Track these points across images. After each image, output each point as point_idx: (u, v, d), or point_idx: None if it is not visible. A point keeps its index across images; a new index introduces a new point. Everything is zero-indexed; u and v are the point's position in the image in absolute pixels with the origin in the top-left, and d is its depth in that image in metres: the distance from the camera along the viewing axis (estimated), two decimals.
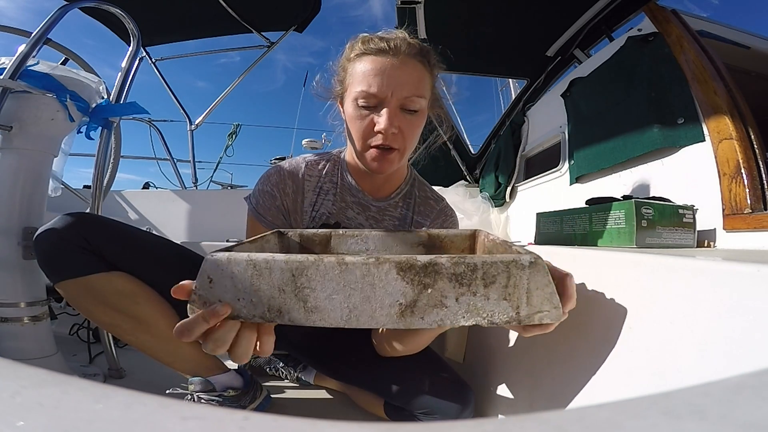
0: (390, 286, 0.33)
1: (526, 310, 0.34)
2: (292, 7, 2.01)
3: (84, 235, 0.65)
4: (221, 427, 0.11)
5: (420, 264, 0.33)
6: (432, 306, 0.33)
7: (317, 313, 0.34)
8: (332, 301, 0.34)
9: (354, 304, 0.33)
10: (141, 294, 0.68)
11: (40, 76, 0.84)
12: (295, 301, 0.34)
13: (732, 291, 0.36)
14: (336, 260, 0.33)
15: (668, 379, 0.39)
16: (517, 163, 1.65)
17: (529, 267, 0.34)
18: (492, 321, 0.34)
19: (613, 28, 1.31)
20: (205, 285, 0.35)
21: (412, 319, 0.33)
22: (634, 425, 0.11)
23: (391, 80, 0.57)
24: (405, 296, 0.33)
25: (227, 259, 0.35)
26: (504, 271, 0.34)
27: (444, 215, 0.79)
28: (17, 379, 0.13)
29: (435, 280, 0.33)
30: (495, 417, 0.70)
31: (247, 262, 0.34)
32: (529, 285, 0.34)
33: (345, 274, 0.33)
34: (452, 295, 0.33)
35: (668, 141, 0.84)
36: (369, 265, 0.33)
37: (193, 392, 0.71)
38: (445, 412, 0.67)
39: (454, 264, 0.33)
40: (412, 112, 0.60)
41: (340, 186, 0.72)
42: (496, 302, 0.34)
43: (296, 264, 0.34)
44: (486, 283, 0.34)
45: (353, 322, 0.34)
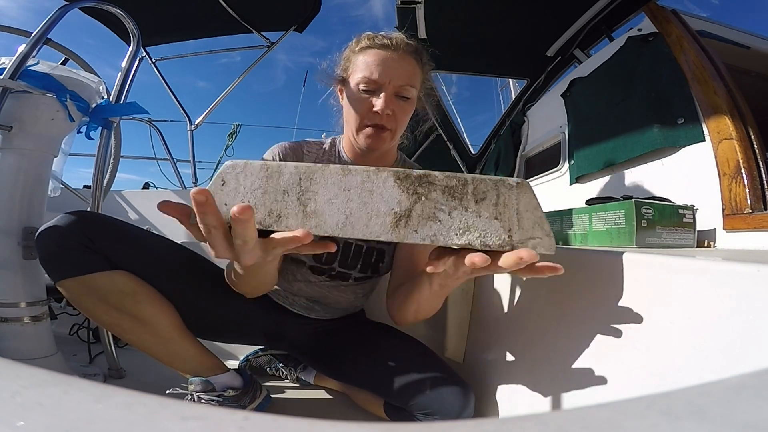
0: (387, 193, 0.35)
1: (518, 234, 0.35)
2: (292, 7, 2.01)
3: (87, 234, 0.65)
4: (221, 427, 0.11)
5: (415, 174, 0.35)
6: (426, 218, 0.35)
7: (315, 218, 0.35)
8: (331, 206, 0.35)
9: (351, 209, 0.35)
10: (143, 293, 0.68)
11: (40, 76, 0.84)
12: (296, 204, 0.35)
13: (732, 291, 0.36)
14: (341, 167, 0.36)
15: (668, 379, 0.39)
16: (517, 163, 1.65)
17: (516, 187, 0.35)
18: (485, 242, 0.34)
19: (613, 28, 1.31)
20: (217, 188, 0.37)
21: (406, 231, 0.34)
22: (634, 425, 0.11)
23: (389, 70, 0.67)
24: (400, 204, 0.35)
25: (244, 163, 0.36)
26: (493, 189, 0.35)
27: None
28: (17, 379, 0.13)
29: (429, 190, 0.35)
30: (495, 417, 0.70)
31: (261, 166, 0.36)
32: (519, 206, 0.35)
33: (347, 178, 0.35)
34: (445, 208, 0.35)
35: (668, 141, 0.84)
36: (369, 172, 0.35)
37: (193, 392, 0.71)
38: (445, 412, 0.67)
39: (447, 177, 0.35)
40: (404, 98, 0.69)
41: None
42: (488, 220, 0.35)
43: (305, 168, 0.36)
44: (477, 199, 0.35)
45: (348, 229, 0.35)
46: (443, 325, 1.03)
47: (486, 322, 0.94)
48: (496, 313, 0.88)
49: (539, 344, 0.65)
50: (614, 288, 0.52)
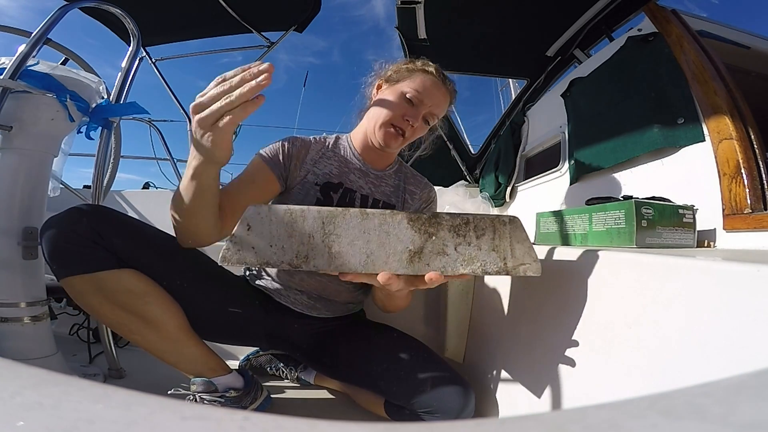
0: (402, 234, 0.40)
1: (512, 261, 0.42)
2: (292, 7, 2.01)
3: (96, 230, 0.63)
4: (221, 428, 0.11)
5: (426, 217, 0.41)
6: (436, 253, 0.40)
7: (340, 258, 0.40)
8: (353, 247, 0.40)
9: (371, 249, 0.40)
10: (151, 294, 0.67)
11: (40, 76, 0.84)
12: (321, 246, 0.40)
13: (732, 291, 0.36)
14: (359, 211, 0.40)
15: (668, 379, 0.39)
16: (517, 163, 1.65)
17: (509, 223, 0.42)
18: (485, 270, 0.41)
19: (613, 28, 1.31)
20: (243, 232, 0.40)
21: (420, 265, 0.40)
22: (634, 425, 0.11)
23: (434, 99, 0.79)
24: (414, 243, 0.40)
25: (268, 208, 0.40)
26: (490, 225, 0.42)
27: (428, 186, 0.95)
28: (17, 379, 0.13)
29: (437, 229, 0.41)
30: (495, 417, 0.70)
31: (285, 211, 0.40)
32: (512, 239, 0.42)
33: (365, 222, 0.40)
34: (451, 243, 0.41)
35: (668, 141, 0.84)
36: (385, 215, 0.40)
37: (195, 393, 0.71)
38: (445, 411, 0.67)
39: (452, 217, 0.41)
40: (426, 123, 0.81)
41: (344, 156, 0.86)
42: (487, 252, 0.41)
43: (327, 213, 0.40)
44: (477, 234, 0.41)
45: (370, 266, 0.40)
46: (443, 325, 1.03)
47: (486, 322, 0.94)
48: (496, 313, 0.88)
49: (539, 344, 0.65)
50: (614, 288, 0.52)
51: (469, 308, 1.01)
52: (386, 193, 0.86)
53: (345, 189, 0.81)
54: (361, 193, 0.83)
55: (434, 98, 0.79)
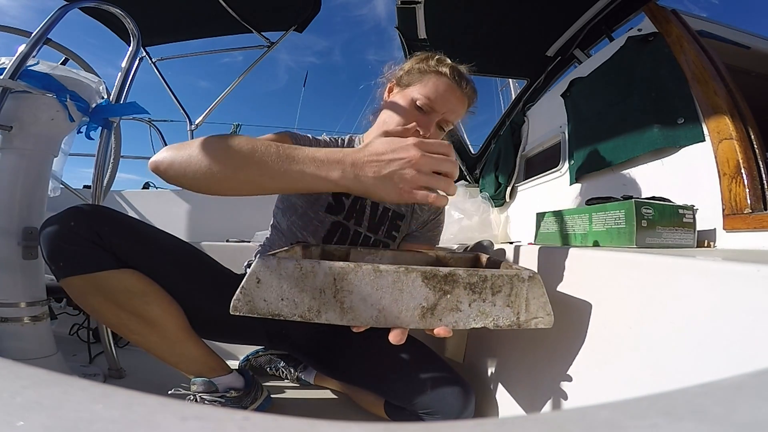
0: (416, 291, 0.39)
1: (525, 315, 0.41)
2: (292, 7, 2.01)
3: (96, 230, 0.62)
4: (221, 427, 0.11)
5: (441, 274, 0.40)
6: (449, 310, 0.39)
7: (351, 313, 0.39)
8: (365, 303, 0.39)
9: (384, 305, 0.39)
10: (152, 294, 0.67)
11: (40, 76, 0.84)
12: (333, 302, 0.39)
13: (732, 291, 0.36)
14: (372, 268, 0.39)
15: (668, 379, 0.39)
16: (517, 163, 1.64)
17: (528, 280, 0.41)
18: (497, 324, 0.40)
19: (613, 28, 1.31)
20: (252, 285, 0.39)
21: (432, 321, 0.39)
22: (634, 425, 0.11)
23: (449, 105, 0.73)
24: (427, 300, 0.39)
25: (277, 261, 0.39)
26: (508, 283, 0.41)
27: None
28: (17, 379, 0.13)
29: (453, 287, 0.39)
30: (495, 417, 0.70)
31: (295, 266, 0.39)
32: (528, 295, 0.41)
33: (379, 280, 0.39)
34: (466, 300, 0.39)
35: (668, 141, 0.84)
36: (399, 273, 0.39)
37: (196, 393, 0.71)
38: (445, 411, 0.67)
39: (469, 275, 0.40)
40: (441, 130, 0.77)
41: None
42: (501, 308, 0.40)
43: (338, 269, 0.39)
44: (494, 291, 0.40)
45: (381, 321, 0.39)
46: None
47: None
48: None
49: (539, 344, 0.65)
50: (614, 288, 0.52)
51: None
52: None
53: (354, 197, 0.80)
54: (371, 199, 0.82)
55: (448, 104, 0.73)
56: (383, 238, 0.85)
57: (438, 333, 0.41)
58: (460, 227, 1.52)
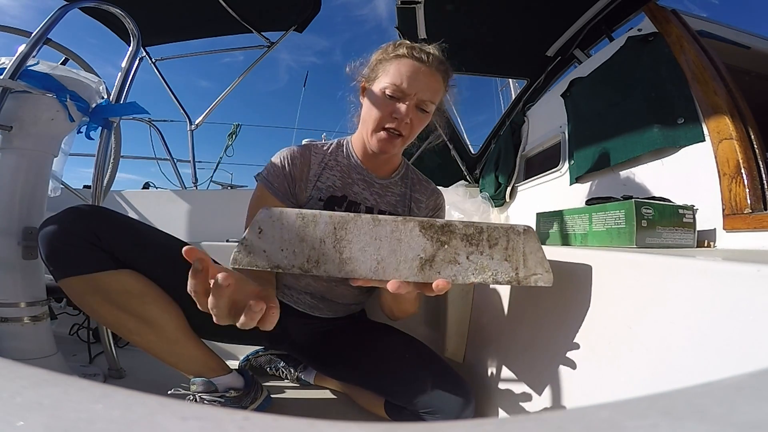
0: (413, 241, 0.39)
1: (524, 271, 0.41)
2: (292, 7, 2.01)
3: (93, 230, 0.62)
4: (221, 427, 0.11)
5: (438, 224, 0.40)
6: (447, 262, 0.40)
7: (350, 263, 0.39)
8: (364, 253, 0.39)
9: (382, 256, 0.39)
10: (150, 294, 0.66)
11: (40, 76, 0.84)
12: (332, 251, 0.39)
13: (732, 291, 0.36)
14: (371, 217, 0.39)
15: (668, 379, 0.39)
16: (517, 163, 1.64)
17: (523, 233, 0.42)
18: (496, 279, 0.40)
19: (613, 28, 1.31)
20: (254, 235, 0.39)
21: (431, 273, 0.40)
22: (634, 425, 0.11)
23: (418, 83, 0.70)
24: (425, 251, 0.39)
25: (280, 211, 0.40)
26: (504, 235, 0.41)
27: (436, 193, 0.90)
28: (17, 379, 0.13)
29: (450, 238, 0.40)
30: (495, 417, 0.70)
31: (297, 215, 0.39)
32: (525, 249, 0.41)
33: (377, 229, 0.39)
34: (464, 253, 0.40)
35: (668, 141, 0.84)
36: (398, 222, 0.40)
37: (195, 393, 0.71)
38: (445, 411, 0.67)
39: (465, 226, 0.40)
40: (423, 112, 0.73)
41: (346, 165, 0.81)
42: (499, 262, 0.41)
43: (339, 218, 0.39)
44: (491, 244, 0.40)
45: (380, 273, 0.39)
46: (443, 325, 1.03)
47: (486, 322, 0.94)
48: (496, 313, 0.88)
49: (539, 344, 0.65)
50: (614, 288, 0.52)
51: (469, 308, 1.01)
52: (392, 203, 0.83)
53: (349, 202, 0.79)
54: (366, 205, 0.80)
55: (416, 83, 0.69)
56: None
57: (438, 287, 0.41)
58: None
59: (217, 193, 2.20)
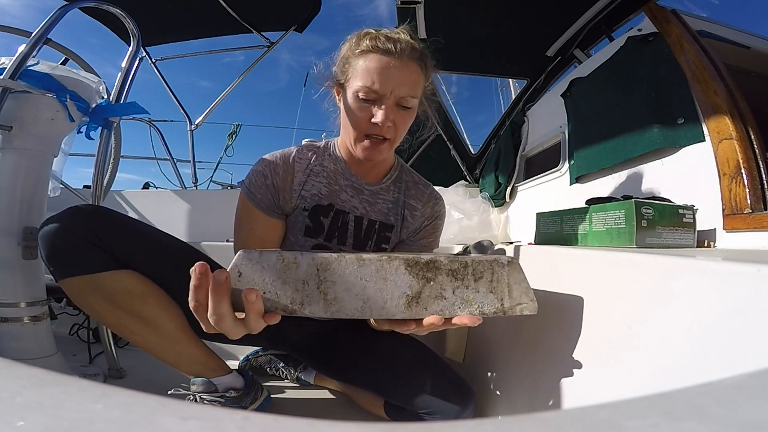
0: (399, 279, 0.39)
1: (509, 302, 0.42)
2: (292, 7, 2.01)
3: (95, 231, 0.62)
4: (221, 427, 0.11)
5: (423, 261, 0.40)
6: (433, 297, 0.40)
7: (336, 304, 0.38)
8: (349, 293, 0.38)
9: (368, 295, 0.39)
10: (151, 294, 0.66)
11: (40, 76, 0.84)
12: (316, 293, 0.38)
13: (732, 291, 0.36)
14: (355, 257, 0.39)
15: (668, 379, 0.39)
16: (517, 163, 1.64)
17: (507, 265, 0.42)
18: (482, 311, 0.41)
19: (613, 28, 1.31)
20: (234, 278, 0.38)
21: (417, 309, 0.39)
22: (634, 425, 0.11)
23: (392, 80, 0.63)
24: (411, 288, 0.39)
25: (258, 254, 0.39)
26: (489, 268, 0.41)
27: (434, 198, 0.83)
28: (17, 379, 0.13)
29: (436, 274, 0.40)
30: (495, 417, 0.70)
31: (278, 257, 0.39)
32: (509, 280, 0.42)
33: (362, 269, 0.39)
34: (449, 287, 0.40)
35: (668, 141, 0.84)
36: (382, 261, 0.39)
37: (196, 393, 0.71)
38: (445, 411, 0.67)
39: (451, 261, 0.40)
40: (405, 108, 0.67)
41: (333, 170, 0.76)
42: (484, 294, 0.41)
43: (321, 260, 0.39)
44: (476, 277, 0.41)
45: (367, 312, 0.39)
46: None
47: (486, 322, 0.94)
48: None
49: (539, 344, 0.65)
50: (614, 288, 0.52)
51: None
52: (383, 212, 0.78)
53: (336, 211, 0.75)
54: (354, 214, 0.76)
55: (390, 81, 0.63)
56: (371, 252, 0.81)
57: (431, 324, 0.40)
58: (460, 227, 1.52)
59: (217, 193, 2.20)
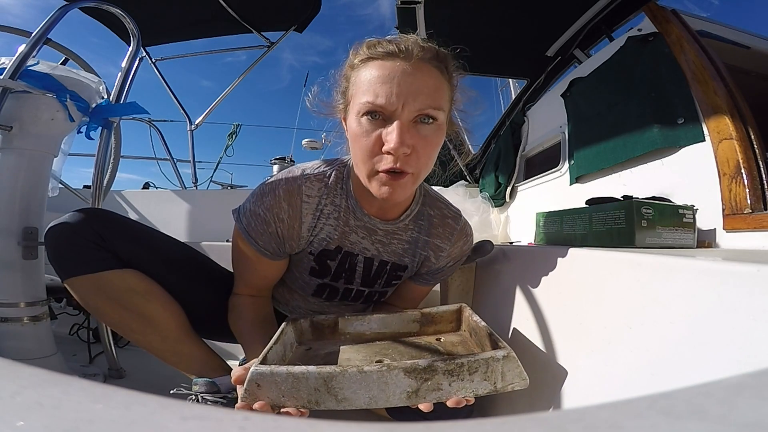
0: (399, 383, 0.44)
1: (501, 384, 0.46)
2: (292, 7, 2.01)
3: (98, 231, 0.65)
4: (221, 427, 0.11)
5: (421, 367, 0.44)
6: (431, 390, 0.45)
7: (345, 401, 0.44)
8: (356, 394, 0.44)
9: (373, 395, 0.44)
10: (153, 293, 0.68)
11: (40, 76, 0.84)
12: (328, 396, 0.44)
13: (732, 291, 0.36)
14: (357, 370, 0.44)
15: (668, 379, 0.39)
16: (517, 163, 1.64)
17: (502, 360, 0.46)
18: (476, 394, 0.46)
19: (613, 28, 1.31)
20: (253, 389, 0.44)
21: (417, 400, 0.45)
22: (634, 425, 0.11)
23: (402, 89, 0.49)
24: (410, 387, 0.45)
25: (270, 371, 0.44)
26: (484, 364, 0.46)
27: (464, 236, 0.73)
28: (17, 379, 0.13)
29: (432, 375, 0.45)
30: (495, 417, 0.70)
31: (287, 374, 0.44)
32: (503, 369, 0.46)
33: (365, 379, 0.44)
34: (446, 382, 0.45)
35: (668, 141, 0.84)
36: (383, 371, 0.44)
37: (197, 393, 0.71)
38: (445, 411, 0.67)
39: (447, 364, 0.45)
40: (426, 124, 0.51)
41: (344, 208, 0.64)
42: (479, 383, 0.46)
43: (326, 374, 0.44)
44: (471, 372, 0.45)
45: (373, 404, 0.45)
46: None
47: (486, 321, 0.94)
48: (495, 313, 0.88)
49: (539, 344, 0.65)
50: (614, 288, 0.52)
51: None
52: (397, 253, 0.70)
53: (344, 253, 0.68)
54: (364, 255, 0.69)
55: (404, 89, 0.48)
56: (380, 288, 0.76)
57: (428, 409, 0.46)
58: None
59: (217, 193, 2.20)
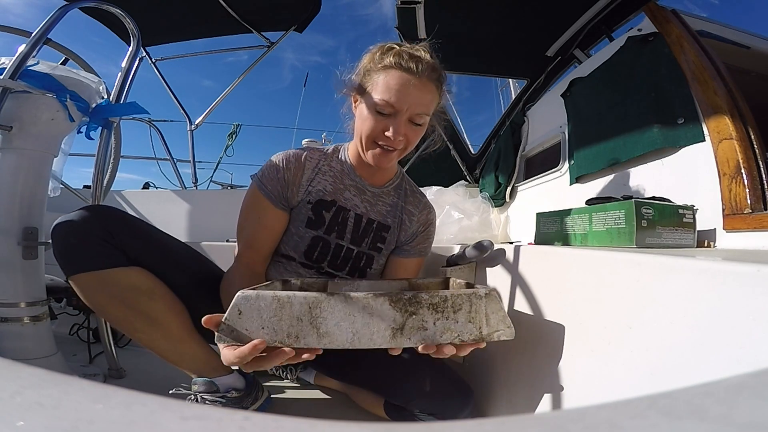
0: (384, 314, 0.43)
1: (486, 329, 0.46)
2: (292, 7, 2.01)
3: (108, 229, 0.65)
4: (221, 427, 0.11)
5: (406, 297, 0.44)
6: (416, 329, 0.44)
7: (327, 337, 0.43)
8: (339, 327, 0.43)
9: (356, 329, 0.43)
10: (158, 292, 0.69)
11: (40, 76, 0.84)
12: (309, 328, 0.43)
13: (732, 291, 0.36)
14: (343, 295, 0.44)
15: (668, 379, 0.39)
16: (517, 163, 1.64)
17: (485, 297, 0.46)
18: (461, 339, 0.45)
19: (613, 28, 1.31)
20: (234, 316, 0.43)
21: (401, 339, 0.44)
22: (634, 425, 0.11)
23: (410, 98, 0.67)
24: (395, 321, 0.43)
25: (255, 294, 0.43)
26: (467, 301, 0.46)
27: (428, 207, 0.89)
28: (17, 379, 0.13)
29: (417, 308, 0.44)
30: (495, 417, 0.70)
31: (273, 297, 0.43)
32: (487, 310, 0.46)
33: (350, 306, 0.43)
34: (431, 319, 0.44)
35: (668, 141, 0.84)
36: (368, 298, 0.44)
37: (197, 392, 0.71)
38: (445, 411, 0.67)
39: (431, 296, 0.45)
40: (417, 125, 0.71)
41: (340, 170, 0.80)
42: (463, 324, 0.45)
43: (312, 299, 0.43)
44: (455, 309, 0.45)
45: (356, 343, 0.43)
46: None
47: None
48: None
49: (539, 344, 0.65)
50: (614, 288, 0.52)
51: None
52: (382, 213, 0.82)
53: (338, 207, 0.78)
54: (355, 212, 0.80)
55: (407, 98, 0.66)
56: (367, 250, 0.82)
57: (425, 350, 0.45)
58: (460, 227, 1.52)
59: (217, 193, 2.20)
